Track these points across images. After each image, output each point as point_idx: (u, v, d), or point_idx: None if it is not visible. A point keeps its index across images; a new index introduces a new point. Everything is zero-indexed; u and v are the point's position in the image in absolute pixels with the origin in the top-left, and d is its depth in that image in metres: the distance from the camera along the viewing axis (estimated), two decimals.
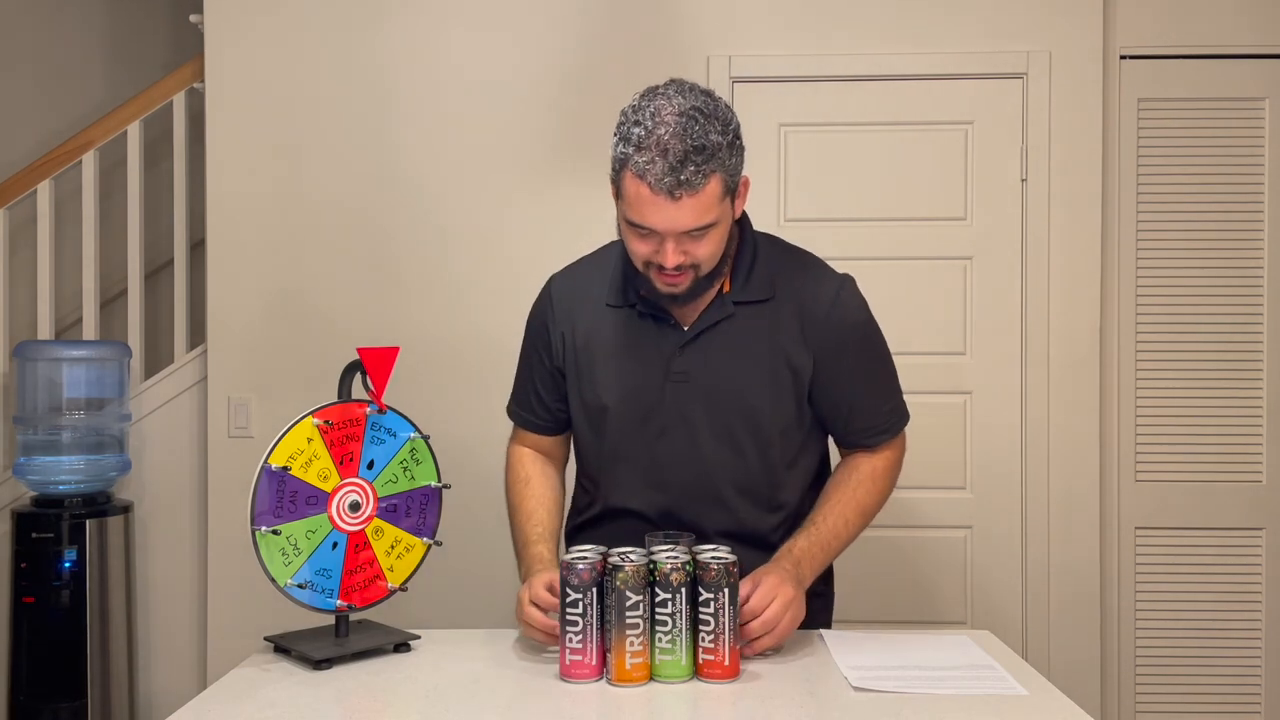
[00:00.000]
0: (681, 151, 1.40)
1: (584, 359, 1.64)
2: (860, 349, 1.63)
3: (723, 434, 1.59)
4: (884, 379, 1.67)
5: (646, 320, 1.60)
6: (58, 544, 2.73)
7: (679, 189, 1.41)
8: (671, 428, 1.60)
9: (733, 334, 1.58)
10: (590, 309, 1.65)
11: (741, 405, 1.58)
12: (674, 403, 1.59)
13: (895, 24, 2.81)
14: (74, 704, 2.73)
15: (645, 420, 1.60)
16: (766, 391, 1.58)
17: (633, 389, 1.60)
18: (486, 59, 2.84)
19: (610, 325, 1.63)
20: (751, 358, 1.58)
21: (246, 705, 1.29)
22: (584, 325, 1.65)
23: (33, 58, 3.63)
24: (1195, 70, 2.82)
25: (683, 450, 1.60)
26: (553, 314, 1.69)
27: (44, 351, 2.86)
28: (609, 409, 1.62)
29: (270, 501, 1.42)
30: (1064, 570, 2.78)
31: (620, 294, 1.62)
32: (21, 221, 3.12)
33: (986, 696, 1.32)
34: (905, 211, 2.81)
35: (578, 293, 1.68)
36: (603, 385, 1.62)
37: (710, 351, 1.58)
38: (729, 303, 1.58)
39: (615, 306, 1.63)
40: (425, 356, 2.79)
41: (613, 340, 1.62)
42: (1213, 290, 2.82)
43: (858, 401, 1.63)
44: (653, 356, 1.60)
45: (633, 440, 1.62)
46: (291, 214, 2.86)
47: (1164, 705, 2.81)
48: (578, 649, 1.36)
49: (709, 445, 1.59)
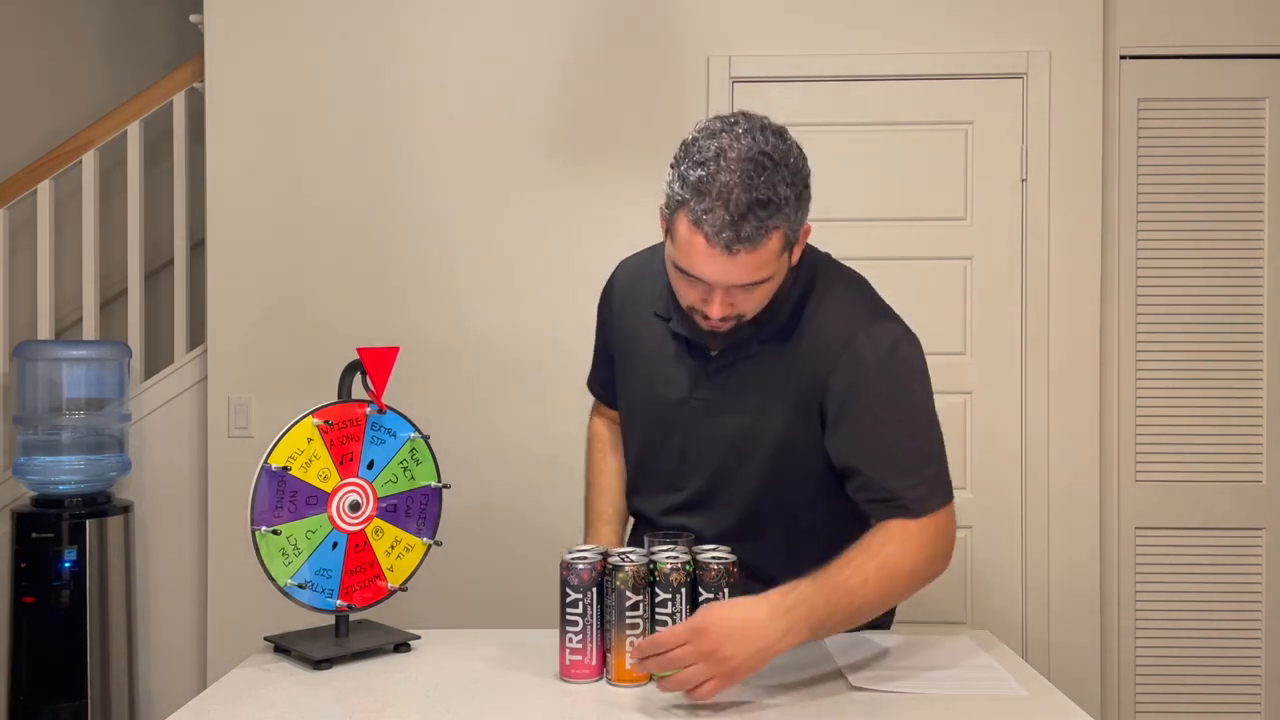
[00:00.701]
0: (745, 204, 1.27)
1: (627, 356, 1.64)
2: (883, 408, 1.43)
3: (736, 459, 1.51)
4: (903, 440, 1.43)
5: (680, 340, 1.54)
6: (58, 544, 2.73)
7: (737, 244, 1.29)
8: (692, 446, 1.55)
9: (756, 363, 1.48)
10: (641, 309, 1.60)
11: (756, 432, 1.49)
12: (693, 422, 1.54)
13: (895, 24, 2.81)
14: (74, 704, 2.73)
15: (667, 435, 1.57)
16: (779, 419, 1.47)
17: (659, 403, 1.57)
18: (486, 59, 2.84)
19: (651, 331, 1.58)
20: (771, 384, 1.48)
21: (246, 705, 1.29)
22: (631, 321, 1.63)
23: (33, 58, 3.63)
24: (1195, 70, 2.82)
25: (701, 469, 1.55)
26: (611, 301, 1.69)
27: (44, 351, 2.86)
28: (639, 410, 1.63)
29: (270, 501, 1.42)
30: (1064, 570, 2.78)
31: (665, 306, 1.55)
32: (21, 221, 3.12)
33: (986, 697, 1.32)
34: (905, 211, 2.81)
35: (635, 286, 1.64)
36: (636, 390, 1.63)
37: (732, 377, 1.50)
38: (754, 341, 1.47)
39: (661, 317, 1.56)
40: (425, 356, 2.80)
41: (650, 349, 1.59)
42: (1213, 290, 2.82)
43: (869, 463, 1.43)
44: (678, 373, 1.54)
45: (655, 448, 1.60)
46: (291, 214, 2.86)
47: (1164, 705, 2.81)
48: (578, 649, 1.36)
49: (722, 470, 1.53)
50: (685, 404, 1.54)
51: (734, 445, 1.51)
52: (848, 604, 1.31)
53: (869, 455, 1.43)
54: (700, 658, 1.22)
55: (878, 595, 1.34)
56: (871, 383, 1.43)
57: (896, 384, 1.45)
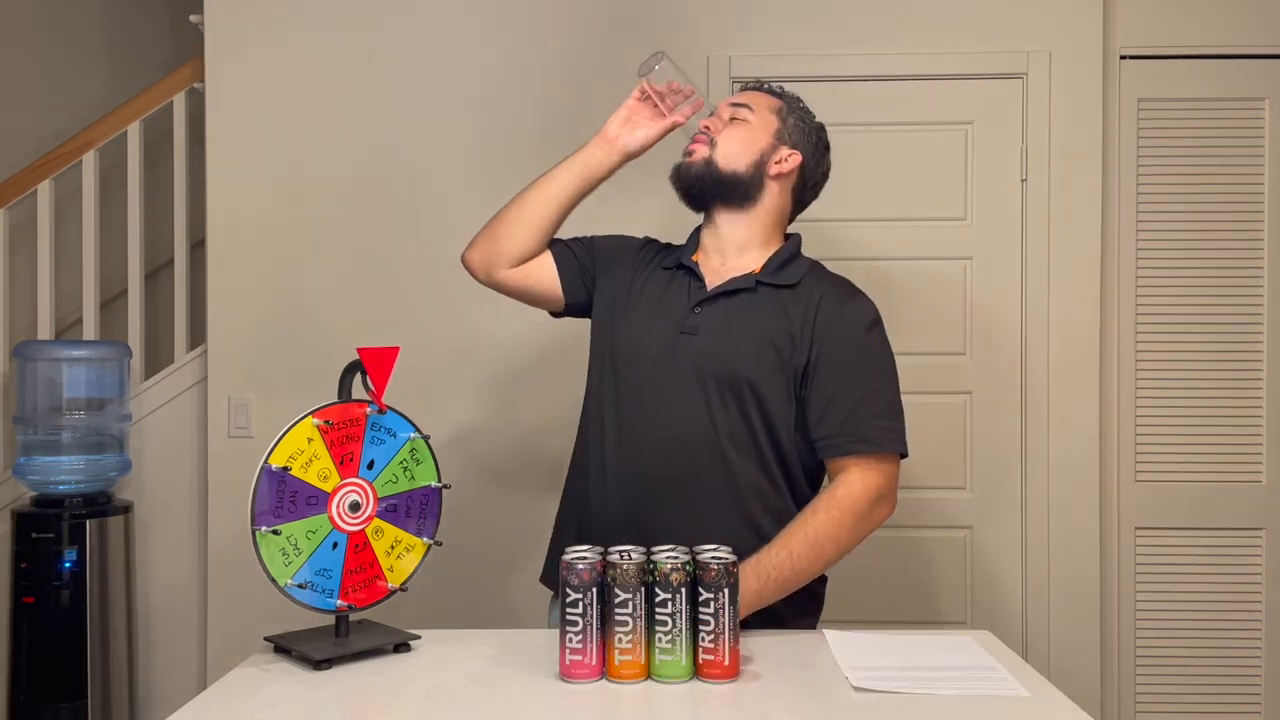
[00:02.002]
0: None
1: (625, 303, 1.78)
2: (860, 350, 1.67)
3: (705, 391, 1.66)
4: (882, 390, 1.67)
5: (681, 278, 1.75)
6: (58, 544, 2.73)
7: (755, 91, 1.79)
8: (679, 379, 1.67)
9: (746, 306, 1.69)
10: (654, 267, 1.82)
11: (730, 369, 1.65)
12: (682, 354, 1.67)
13: (895, 24, 2.81)
14: (74, 704, 2.73)
15: (655, 370, 1.69)
16: (750, 361, 1.66)
17: (651, 338, 1.71)
18: (486, 59, 2.84)
19: (655, 280, 1.79)
20: (753, 329, 1.67)
21: (246, 705, 1.29)
22: (639, 276, 1.81)
23: (33, 58, 3.63)
24: (1195, 70, 2.82)
25: (681, 399, 1.67)
26: (640, 249, 1.86)
27: (44, 351, 2.86)
28: (620, 358, 1.73)
29: (270, 501, 1.42)
30: (1064, 570, 2.78)
31: (674, 255, 1.81)
32: (21, 221, 3.12)
33: (987, 697, 1.32)
34: (905, 211, 2.81)
35: (649, 260, 1.84)
36: (628, 331, 1.74)
37: (722, 315, 1.69)
38: (752, 279, 1.71)
39: (669, 268, 1.79)
40: (425, 356, 2.80)
41: (652, 291, 1.77)
42: (1213, 290, 2.82)
43: (844, 398, 1.64)
44: (675, 309, 1.72)
45: (639, 388, 1.70)
46: (291, 214, 2.86)
47: (1164, 705, 2.81)
48: (578, 649, 1.36)
49: (689, 401, 1.66)
50: (676, 334, 1.69)
51: (710, 370, 1.66)
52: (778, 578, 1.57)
53: (851, 393, 1.64)
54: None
55: (806, 567, 1.59)
56: (859, 340, 1.68)
57: (880, 349, 1.70)
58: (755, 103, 1.77)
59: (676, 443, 1.67)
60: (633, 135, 1.79)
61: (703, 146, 1.74)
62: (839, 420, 1.64)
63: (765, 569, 1.57)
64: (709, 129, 1.75)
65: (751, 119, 1.75)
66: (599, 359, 1.79)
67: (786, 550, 1.58)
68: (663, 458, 1.67)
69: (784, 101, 1.79)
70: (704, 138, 1.75)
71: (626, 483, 1.69)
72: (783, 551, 1.58)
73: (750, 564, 1.56)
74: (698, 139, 1.76)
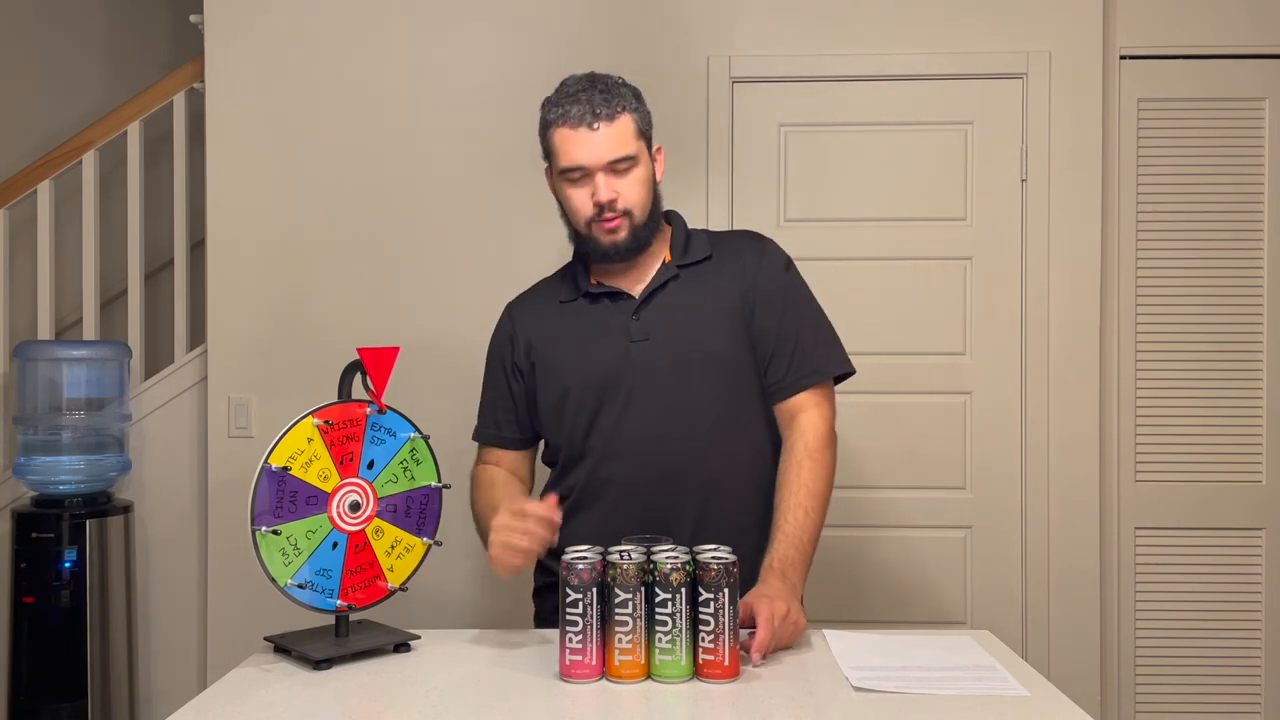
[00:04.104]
0: (592, 94, 1.63)
1: (546, 356, 1.75)
2: (787, 291, 1.74)
3: (690, 377, 1.67)
4: (815, 319, 1.75)
5: (600, 301, 1.73)
6: (58, 544, 2.73)
7: (596, 121, 1.61)
8: (641, 385, 1.67)
9: (681, 292, 1.71)
10: (547, 314, 1.78)
11: (702, 349, 1.68)
12: (640, 362, 1.67)
13: (895, 24, 2.81)
14: (74, 704, 2.73)
15: (613, 388, 1.67)
16: (721, 335, 1.69)
17: (596, 363, 1.69)
18: (486, 59, 2.84)
19: (566, 318, 1.75)
20: (702, 308, 1.70)
21: (246, 705, 1.29)
22: (542, 329, 1.77)
23: (33, 58, 3.63)
24: (1195, 70, 2.82)
25: (658, 401, 1.66)
26: (514, 331, 1.80)
27: (44, 351, 2.86)
28: (570, 390, 1.70)
29: (270, 501, 1.42)
30: (1064, 570, 2.78)
31: (572, 288, 1.76)
32: (21, 221, 3.12)
33: (987, 697, 1.32)
34: (905, 211, 2.81)
35: (535, 307, 1.81)
36: (565, 370, 1.72)
37: (664, 309, 1.70)
38: (672, 268, 1.72)
39: (568, 301, 1.76)
40: (425, 356, 2.80)
41: (571, 329, 1.74)
42: (1213, 290, 2.82)
43: (787, 339, 1.71)
44: (612, 328, 1.70)
45: (602, 413, 1.68)
46: (291, 214, 2.86)
47: (1164, 705, 2.81)
48: (578, 649, 1.36)
49: (680, 390, 1.67)
50: (626, 348, 1.68)
51: (682, 359, 1.67)
52: (808, 540, 1.61)
53: (791, 333, 1.71)
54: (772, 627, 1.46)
55: (819, 519, 1.64)
56: (783, 282, 1.74)
57: (801, 283, 1.78)
58: (618, 133, 1.63)
59: (679, 444, 1.66)
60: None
61: (620, 220, 1.65)
62: (786, 361, 1.70)
63: (795, 537, 1.61)
64: (611, 202, 1.64)
65: (632, 154, 1.64)
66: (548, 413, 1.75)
67: (803, 510, 1.62)
68: (672, 463, 1.66)
69: (621, 97, 1.65)
70: (614, 215, 1.65)
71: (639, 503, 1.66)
72: (799, 513, 1.62)
73: (779, 540, 1.59)
74: (609, 218, 1.64)
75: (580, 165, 1.63)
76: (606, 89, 1.64)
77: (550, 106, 1.67)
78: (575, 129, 1.62)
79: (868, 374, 2.84)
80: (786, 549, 1.58)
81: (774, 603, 1.48)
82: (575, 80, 1.68)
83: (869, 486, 2.79)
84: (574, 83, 1.67)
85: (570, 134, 1.63)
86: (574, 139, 1.63)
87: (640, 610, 1.35)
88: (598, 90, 1.64)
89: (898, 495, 2.80)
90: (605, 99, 1.63)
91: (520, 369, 1.78)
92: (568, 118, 1.63)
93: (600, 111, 1.62)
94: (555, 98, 1.67)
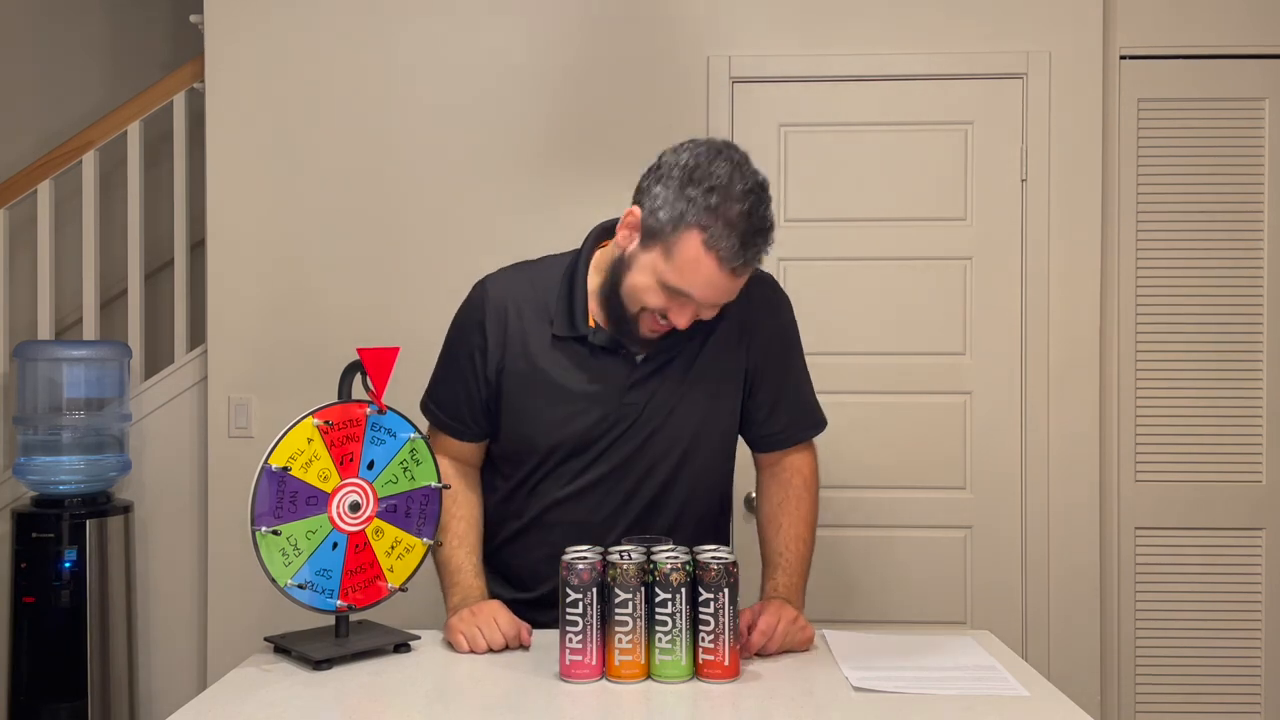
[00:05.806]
0: (753, 233, 1.41)
1: (515, 401, 1.61)
2: (789, 344, 1.71)
3: (670, 451, 1.61)
4: (805, 372, 1.74)
5: (597, 355, 1.58)
6: (58, 544, 2.73)
7: (744, 269, 1.44)
8: (618, 448, 1.60)
9: (699, 354, 1.62)
10: (530, 342, 1.60)
11: (693, 429, 1.62)
12: (623, 429, 1.59)
13: (895, 24, 2.81)
14: (74, 704, 2.73)
15: (585, 448, 1.60)
16: (717, 415, 1.65)
17: (574, 430, 1.59)
18: (486, 59, 2.84)
19: (553, 360, 1.59)
20: (704, 375, 1.62)
21: (246, 705, 1.29)
22: (520, 361, 1.60)
23: (33, 58, 3.63)
24: (1195, 70, 2.82)
25: (633, 466, 1.61)
26: (485, 326, 1.62)
27: (44, 351, 2.86)
28: (538, 447, 1.61)
29: (270, 502, 1.42)
30: (1064, 570, 2.78)
31: (567, 320, 1.58)
32: (21, 221, 3.12)
33: (987, 697, 1.32)
34: (905, 211, 2.81)
35: (521, 308, 1.61)
36: (538, 427, 1.60)
37: (663, 378, 1.59)
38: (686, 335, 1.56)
39: (562, 338, 1.58)
40: (426, 357, 2.78)
41: (554, 385, 1.58)
42: (1213, 290, 2.82)
43: (790, 392, 1.70)
44: (602, 391, 1.58)
45: (567, 464, 1.61)
46: (291, 214, 2.86)
47: (1164, 705, 2.81)
48: (578, 649, 1.36)
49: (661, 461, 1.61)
50: (616, 411, 1.58)
51: (694, 433, 1.62)
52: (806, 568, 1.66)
53: (791, 386, 1.70)
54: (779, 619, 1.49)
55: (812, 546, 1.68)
56: (786, 335, 1.70)
57: (797, 335, 1.72)
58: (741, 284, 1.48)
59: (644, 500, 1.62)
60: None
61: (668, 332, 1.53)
62: (789, 415, 1.70)
63: (797, 566, 1.65)
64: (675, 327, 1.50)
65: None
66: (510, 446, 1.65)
67: (802, 541, 1.67)
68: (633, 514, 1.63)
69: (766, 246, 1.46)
70: (668, 329, 1.52)
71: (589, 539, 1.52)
72: (799, 544, 1.66)
73: (783, 567, 1.64)
74: (663, 328, 1.51)
75: (694, 297, 1.45)
76: (766, 230, 1.42)
77: (702, 210, 1.39)
78: (721, 268, 1.41)
79: (868, 374, 2.87)
80: (790, 576, 1.63)
81: (784, 607, 1.52)
82: (745, 197, 1.40)
83: (869, 486, 2.79)
84: (739, 197, 1.40)
85: (709, 264, 1.40)
86: (712, 273, 1.41)
87: (640, 610, 1.35)
88: (760, 226, 1.41)
89: (898, 495, 2.80)
90: (759, 244, 1.42)
91: (488, 380, 1.62)
92: (720, 248, 1.39)
93: (752, 258, 1.43)
94: (719, 206, 1.39)
